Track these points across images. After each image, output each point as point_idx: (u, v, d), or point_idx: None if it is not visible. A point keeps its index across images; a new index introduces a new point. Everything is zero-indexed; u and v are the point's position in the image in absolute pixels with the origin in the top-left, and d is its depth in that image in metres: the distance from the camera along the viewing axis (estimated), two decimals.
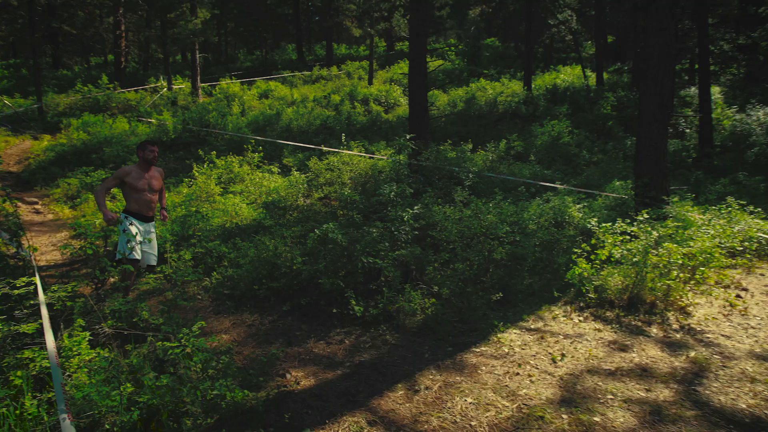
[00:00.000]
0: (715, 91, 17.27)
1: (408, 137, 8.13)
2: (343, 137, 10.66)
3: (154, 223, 4.67)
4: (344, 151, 10.06)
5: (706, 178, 11.65)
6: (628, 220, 4.95)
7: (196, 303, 4.87)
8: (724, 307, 4.60)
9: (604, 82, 20.23)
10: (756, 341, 3.82)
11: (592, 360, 3.46)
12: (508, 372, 3.30)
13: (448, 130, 15.83)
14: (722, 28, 15.91)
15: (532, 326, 4.10)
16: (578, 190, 8.12)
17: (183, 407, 2.80)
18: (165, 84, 20.55)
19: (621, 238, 4.73)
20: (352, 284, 4.35)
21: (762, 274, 6.06)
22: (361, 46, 35.95)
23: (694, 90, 16.46)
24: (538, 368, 3.35)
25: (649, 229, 4.70)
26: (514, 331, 4.00)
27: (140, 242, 4.34)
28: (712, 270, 5.52)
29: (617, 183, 8.80)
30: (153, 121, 15.18)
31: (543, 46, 28.71)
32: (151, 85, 21.12)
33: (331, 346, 3.84)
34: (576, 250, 4.73)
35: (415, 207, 5.22)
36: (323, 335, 4.02)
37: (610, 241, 4.71)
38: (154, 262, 4.61)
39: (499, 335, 3.89)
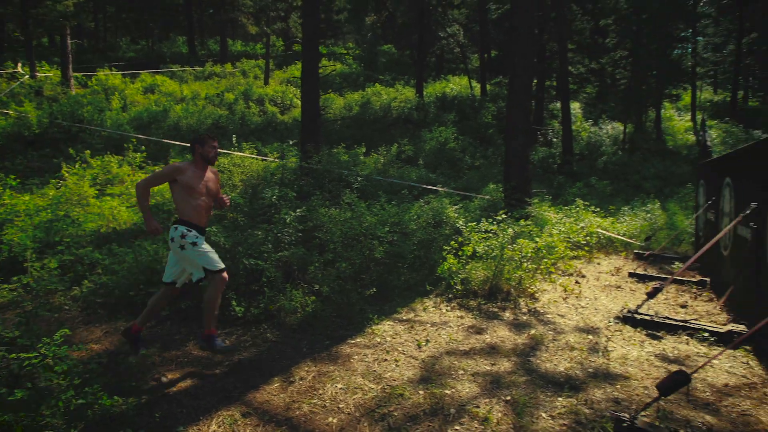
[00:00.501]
0: (576, 107, 19.88)
1: (291, 142, 8.25)
2: (234, 138, 10.45)
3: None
4: (236, 153, 9.88)
5: (566, 181, 13.40)
6: (491, 220, 5.64)
7: (62, 314, 4.56)
8: (565, 291, 5.46)
9: (488, 92, 22.08)
10: (582, 318, 4.63)
11: (452, 343, 3.95)
12: (377, 359, 3.64)
13: (344, 133, 16.20)
14: (579, 53, 18.33)
15: (404, 317, 4.52)
16: (457, 193, 8.90)
17: (42, 420, 2.69)
18: (26, 71, 18.20)
19: (484, 236, 5.38)
20: (234, 286, 4.41)
21: (598, 263, 7.21)
22: (258, 44, 35.00)
23: (560, 105, 18.62)
24: (404, 354, 3.73)
25: (506, 227, 5.40)
26: (388, 322, 4.38)
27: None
28: (561, 260, 6.48)
29: (492, 186, 9.77)
30: (10, 112, 13.41)
31: (435, 56, 30.46)
32: (8, 71, 18.55)
33: None
34: (446, 247, 5.28)
35: (298, 210, 5.40)
36: None
37: (475, 238, 5.34)
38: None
39: (373, 327, 4.23)
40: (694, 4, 20.55)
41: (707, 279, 5.89)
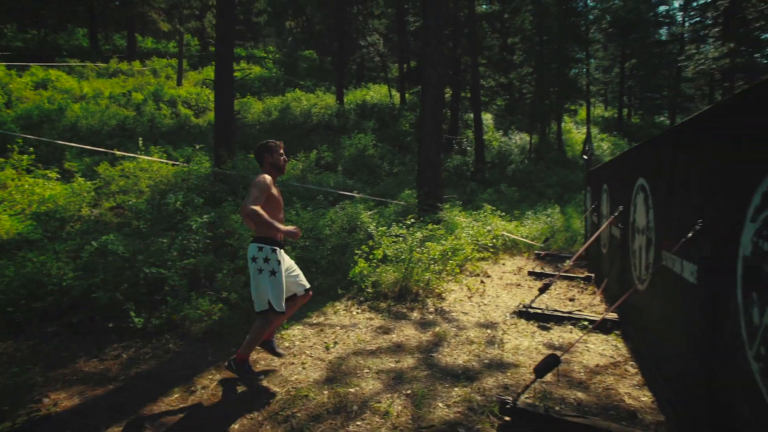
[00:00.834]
0: (488, 118, 21.18)
1: (198, 147, 7.98)
2: (141, 141, 9.85)
3: None
4: (143, 157, 9.31)
5: (478, 188, 14.20)
6: (401, 224, 5.87)
7: None
8: (470, 290, 5.81)
9: (407, 101, 22.78)
10: (483, 314, 4.97)
11: (360, 344, 4.06)
12: (284, 363, 3.65)
13: (262, 138, 15.86)
14: (490, 68, 19.60)
15: (315, 321, 4.57)
16: (373, 198, 9.11)
17: None
18: None
19: (394, 240, 5.58)
20: (134, 296, 4.19)
21: (503, 264, 7.74)
22: (171, 42, 33.17)
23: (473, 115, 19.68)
24: (312, 356, 3.78)
25: (415, 231, 5.65)
26: (298, 327, 4.40)
27: (294, 275, 3.48)
28: (469, 262, 6.87)
29: (407, 192, 10.10)
30: None
31: (356, 63, 30.85)
32: None
33: (105, 362, 3.65)
34: (357, 252, 5.41)
35: (205, 216, 5.25)
36: (97, 353, 3.79)
37: (385, 242, 5.52)
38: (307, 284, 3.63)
39: (283, 332, 4.23)
40: (587, 30, 22.94)
41: (592, 275, 6.57)
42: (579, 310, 5.12)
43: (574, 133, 24.02)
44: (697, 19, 26.45)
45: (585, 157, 8.42)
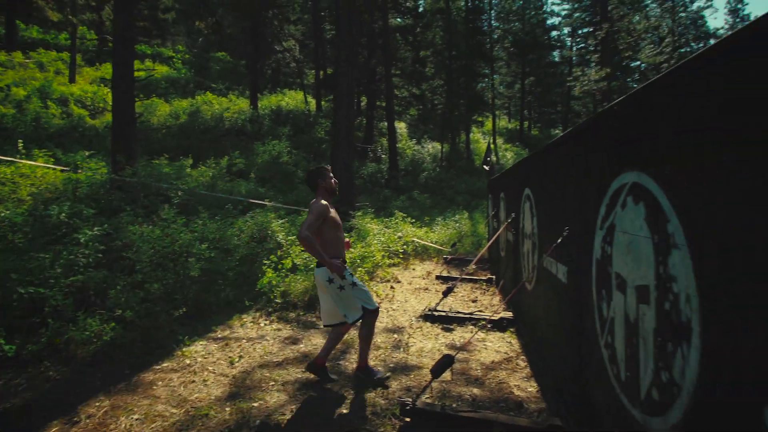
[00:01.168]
0: (402, 127, 21.86)
1: (87, 154, 7.38)
2: (21, 143, 8.85)
3: None
4: (24, 161, 8.36)
5: (392, 195, 14.56)
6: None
7: None
8: (380, 296, 5.96)
9: (323, 108, 22.75)
10: (392, 319, 5.13)
11: (267, 356, 4.00)
12: (184, 381, 3.49)
13: (168, 143, 14.99)
14: (404, 79, 20.27)
15: (220, 335, 4.42)
16: (286, 207, 9.00)
17: None
18: None
19: (301, 249, 5.57)
20: (5, 320, 3.76)
21: (413, 269, 8.02)
22: (63, 33, 30.09)
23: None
24: (215, 372, 3.66)
25: None
26: (201, 342, 4.23)
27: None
28: (380, 268, 7.02)
29: None
30: None
31: (271, 68, 30.22)
32: None
33: None
34: (265, 262, 5.32)
35: (96, 228, 4.86)
36: None
37: (294, 251, 5.49)
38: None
39: (184, 349, 4.05)
40: (491, 48, 24.70)
41: (493, 277, 7.05)
42: (480, 311, 5.48)
43: (482, 143, 25.56)
44: (582, 45, 29.61)
45: (486, 167, 9.03)
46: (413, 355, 4.11)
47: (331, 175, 3.62)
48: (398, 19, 21.42)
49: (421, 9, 20.61)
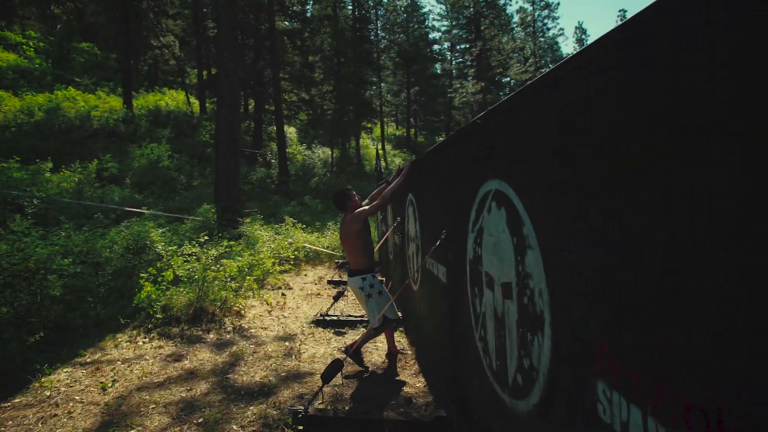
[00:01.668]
0: (292, 131, 21.56)
1: None
2: None
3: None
4: None
5: (282, 200, 14.28)
6: (194, 242, 5.55)
7: None
8: (271, 305, 5.83)
9: (207, 110, 21.53)
10: (283, 327, 5.06)
11: (146, 377, 3.70)
12: (42, 417, 3.08)
13: (21, 144, 13.00)
14: (292, 83, 20.03)
15: (89, 359, 3.98)
16: (166, 215, 8.36)
17: None
18: None
19: (186, 259, 5.25)
20: None
21: (305, 275, 7.97)
22: None
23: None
24: (83, 402, 3.29)
25: (209, 248, 5.42)
26: (66, 369, 3.77)
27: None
28: (270, 275, 6.86)
29: (206, 206, 9.56)
30: None
31: (148, 65, 27.72)
32: None
33: None
34: (143, 275, 4.91)
35: None
36: None
37: (177, 262, 5.14)
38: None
39: (43, 380, 3.57)
40: (378, 57, 25.59)
41: (384, 278, 7.30)
42: None
43: (371, 149, 26.26)
44: (460, 59, 32.09)
45: (376, 172, 9.33)
46: (305, 362, 4.10)
47: (354, 193, 4.06)
48: (286, 23, 21.12)
49: (309, 14, 20.56)
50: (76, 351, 4.11)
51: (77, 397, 3.36)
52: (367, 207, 3.84)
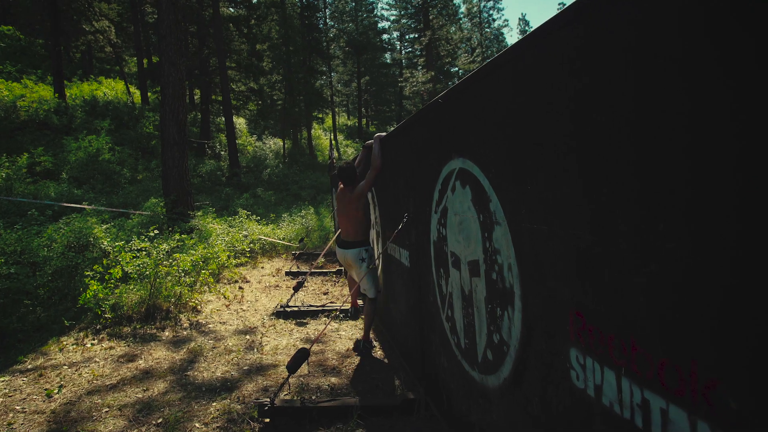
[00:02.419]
0: (242, 122, 20.89)
1: None
2: None
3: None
4: None
5: (234, 192, 13.86)
6: (143, 237, 5.27)
7: None
8: (228, 299, 5.66)
9: (149, 101, 20.42)
10: (242, 321, 4.93)
11: (97, 380, 3.49)
12: None
13: None
14: (240, 72, 19.37)
15: (30, 366, 3.70)
16: (110, 210, 7.89)
17: None
18: None
19: (135, 255, 4.98)
20: None
21: (262, 267, 7.80)
22: None
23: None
24: (25, 411, 3.06)
25: (160, 243, 5.17)
26: (3, 378, 3.49)
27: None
28: (226, 269, 6.66)
29: (154, 200, 9.11)
30: None
31: (81, 51, 25.86)
32: None
33: None
34: (88, 273, 4.62)
35: None
36: None
37: (125, 259, 4.87)
38: None
39: None
40: (327, 46, 25.22)
41: (342, 268, 7.27)
42: (332, 302, 5.61)
43: (324, 139, 25.95)
44: (410, 49, 32.23)
45: (332, 159, 9.23)
46: (268, 354, 4.02)
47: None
48: (231, 9, 20.34)
49: (255, 0, 19.87)
50: (14, 358, 3.81)
51: (18, 407, 3.12)
52: (364, 182, 3.81)
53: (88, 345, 4.14)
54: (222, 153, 17.52)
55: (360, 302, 5.07)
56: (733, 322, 0.77)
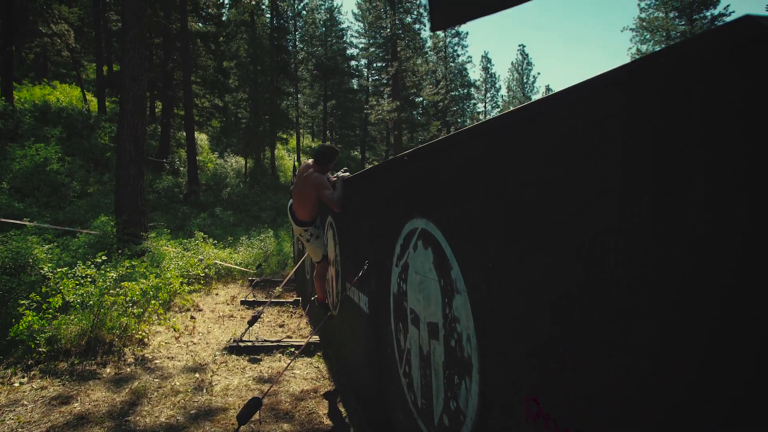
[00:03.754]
0: (204, 138, 20.43)
1: None
2: None
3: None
4: None
5: (192, 211, 13.43)
6: (89, 263, 4.99)
7: None
8: (178, 331, 5.41)
9: (107, 110, 19.66)
10: (192, 356, 4.71)
11: (23, 428, 3.21)
12: None
13: None
14: (205, 88, 19.05)
15: None
16: (54, 228, 7.45)
17: None
18: None
19: (80, 282, 4.70)
20: None
21: (217, 294, 7.54)
22: None
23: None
24: None
25: (107, 270, 4.90)
26: None
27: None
28: (178, 296, 6.39)
29: (104, 218, 8.67)
30: None
31: (35, 53, 24.68)
32: None
33: None
34: (23, 302, 4.30)
35: None
36: None
37: (68, 286, 4.58)
38: None
39: None
40: (296, 68, 25.33)
41: (300, 298, 7.13)
42: (289, 336, 5.47)
43: (287, 160, 25.73)
44: (377, 77, 32.88)
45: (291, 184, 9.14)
46: (218, 396, 3.85)
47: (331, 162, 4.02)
48: (200, 24, 20.09)
49: (225, 18, 19.74)
50: None
51: None
52: (328, 193, 3.69)
53: (16, 384, 3.82)
54: (181, 169, 17.01)
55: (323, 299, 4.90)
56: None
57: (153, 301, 5.10)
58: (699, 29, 28.43)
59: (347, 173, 4.05)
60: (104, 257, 5.07)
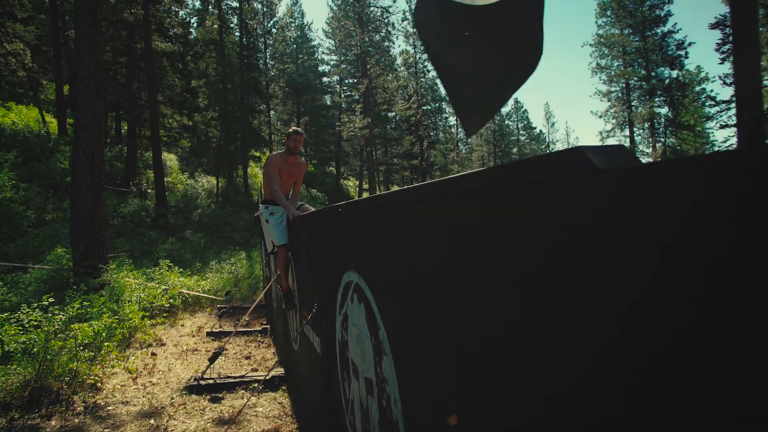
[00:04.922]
0: (173, 158, 20.03)
1: None
2: None
3: None
4: None
5: (159, 236, 13.08)
6: (34, 306, 4.75)
7: None
8: (135, 372, 5.19)
9: (68, 132, 19.12)
10: (149, 399, 4.51)
11: None
12: None
13: None
14: (172, 107, 18.72)
15: None
16: (2, 264, 7.12)
17: None
18: None
19: (22, 329, 4.47)
20: None
21: (182, 325, 7.31)
22: None
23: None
24: None
25: (55, 312, 4.68)
26: None
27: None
28: (139, 331, 6.15)
29: (60, 250, 8.36)
30: None
31: None
32: None
33: None
34: None
35: None
36: None
37: (9, 333, 4.34)
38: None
39: None
40: (267, 85, 25.21)
41: (268, 326, 6.96)
42: (254, 369, 5.31)
43: (260, 178, 25.43)
44: (348, 94, 33.03)
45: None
46: None
47: (297, 138, 4.59)
48: (167, 44, 19.82)
49: (192, 37, 19.52)
50: None
51: None
52: (268, 175, 4.49)
53: None
54: (149, 191, 16.60)
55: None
56: None
57: (107, 343, 4.88)
58: (651, 44, 29.73)
59: (309, 210, 4.33)
60: (51, 299, 4.83)
